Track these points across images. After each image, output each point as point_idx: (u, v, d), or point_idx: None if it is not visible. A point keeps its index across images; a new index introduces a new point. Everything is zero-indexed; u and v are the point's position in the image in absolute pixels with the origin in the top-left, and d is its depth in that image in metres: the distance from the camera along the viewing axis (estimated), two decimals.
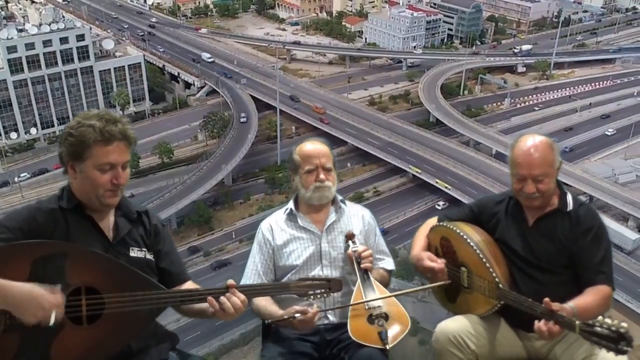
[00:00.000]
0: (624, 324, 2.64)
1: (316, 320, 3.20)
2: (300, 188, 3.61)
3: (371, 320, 3.21)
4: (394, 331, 3.20)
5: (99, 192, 2.77)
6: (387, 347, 3.13)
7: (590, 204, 3.55)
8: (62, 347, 2.53)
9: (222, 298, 2.81)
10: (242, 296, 2.85)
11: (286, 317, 3.16)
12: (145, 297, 2.71)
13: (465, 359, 3.32)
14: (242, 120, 78.92)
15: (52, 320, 2.45)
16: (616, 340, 2.63)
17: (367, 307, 3.25)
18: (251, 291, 3.04)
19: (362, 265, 3.39)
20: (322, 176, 3.54)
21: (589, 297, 3.11)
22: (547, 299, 2.95)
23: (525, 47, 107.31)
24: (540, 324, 2.94)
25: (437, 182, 67.52)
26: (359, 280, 3.36)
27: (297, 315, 3.11)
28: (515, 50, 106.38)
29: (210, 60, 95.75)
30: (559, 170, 3.27)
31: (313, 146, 3.61)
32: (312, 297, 3.12)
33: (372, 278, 3.38)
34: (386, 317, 3.22)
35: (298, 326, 3.17)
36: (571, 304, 2.99)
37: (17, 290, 2.43)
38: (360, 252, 3.43)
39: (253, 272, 3.58)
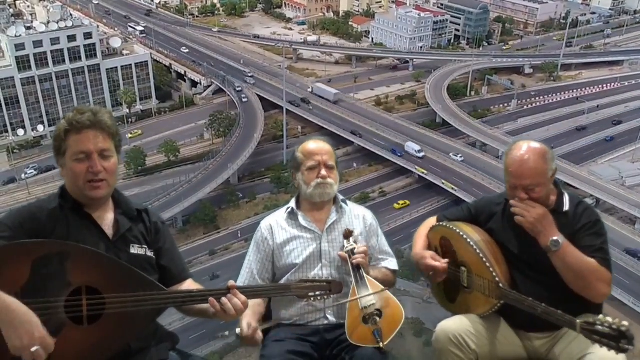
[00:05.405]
0: (625, 322, 2.65)
1: (259, 337, 3.19)
2: (302, 185, 3.61)
3: (365, 320, 3.20)
4: (387, 327, 3.19)
5: (79, 183, 2.77)
6: (382, 345, 3.13)
7: (587, 201, 3.52)
8: (62, 347, 2.51)
9: (224, 299, 2.80)
10: (243, 297, 2.84)
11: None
12: (147, 297, 2.70)
13: (465, 358, 3.32)
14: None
15: (34, 348, 2.39)
16: (617, 339, 2.65)
17: (360, 307, 3.23)
18: (252, 292, 3.03)
19: (353, 261, 3.37)
20: (324, 172, 3.55)
21: (583, 256, 3.11)
22: None
23: None
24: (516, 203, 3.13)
25: (443, 183, 67.32)
26: (352, 280, 3.34)
27: (237, 330, 3.08)
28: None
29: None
30: (553, 177, 3.25)
31: (316, 144, 3.64)
32: (312, 298, 3.11)
33: (365, 277, 3.34)
34: (380, 313, 3.21)
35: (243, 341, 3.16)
36: (558, 238, 3.07)
37: (15, 309, 2.41)
38: (354, 249, 3.41)
39: (247, 272, 3.60)
